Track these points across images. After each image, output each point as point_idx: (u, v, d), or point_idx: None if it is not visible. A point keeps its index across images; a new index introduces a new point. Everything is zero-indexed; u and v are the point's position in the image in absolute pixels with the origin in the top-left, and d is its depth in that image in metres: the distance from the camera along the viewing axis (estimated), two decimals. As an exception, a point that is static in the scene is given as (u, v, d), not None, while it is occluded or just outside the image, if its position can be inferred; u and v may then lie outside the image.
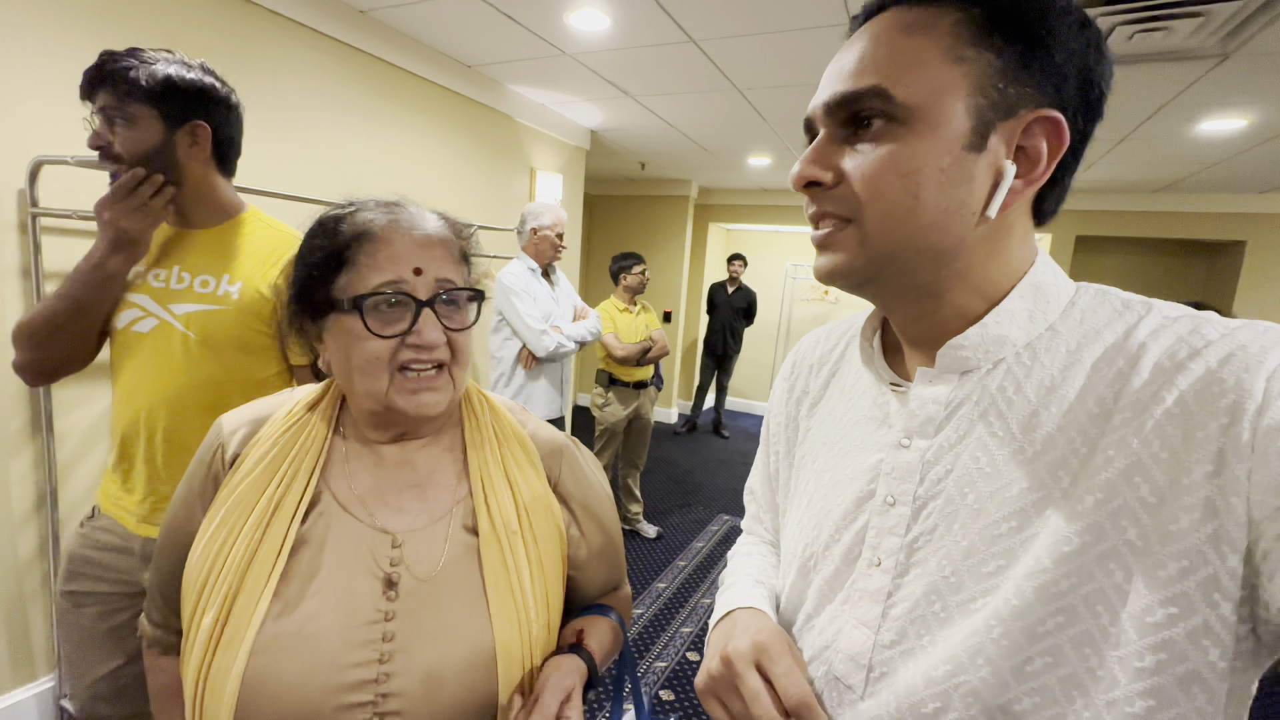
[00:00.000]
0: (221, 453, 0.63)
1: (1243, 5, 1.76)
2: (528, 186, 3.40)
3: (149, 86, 0.94)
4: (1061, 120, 0.41)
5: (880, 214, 0.43)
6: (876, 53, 0.43)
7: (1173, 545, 0.36)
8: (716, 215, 6.02)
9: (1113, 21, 1.90)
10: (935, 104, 0.41)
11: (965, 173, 0.41)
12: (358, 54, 2.31)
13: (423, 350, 0.58)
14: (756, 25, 2.13)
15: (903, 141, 0.42)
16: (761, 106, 3.08)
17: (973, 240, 0.43)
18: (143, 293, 1.04)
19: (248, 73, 1.96)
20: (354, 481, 0.63)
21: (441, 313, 0.60)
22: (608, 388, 3.02)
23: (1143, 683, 0.36)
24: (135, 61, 0.95)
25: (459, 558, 0.61)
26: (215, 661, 0.54)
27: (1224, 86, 2.37)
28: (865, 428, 0.53)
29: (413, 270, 0.58)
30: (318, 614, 0.56)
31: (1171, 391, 0.38)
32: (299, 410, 0.65)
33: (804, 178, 0.46)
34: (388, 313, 0.58)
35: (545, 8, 2.12)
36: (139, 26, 1.69)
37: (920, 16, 0.42)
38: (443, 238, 0.62)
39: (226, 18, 1.88)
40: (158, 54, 0.98)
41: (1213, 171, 3.67)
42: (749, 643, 0.49)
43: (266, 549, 0.57)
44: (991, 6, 0.41)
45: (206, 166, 1.04)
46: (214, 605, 0.55)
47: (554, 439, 0.72)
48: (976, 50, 0.41)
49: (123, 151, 0.96)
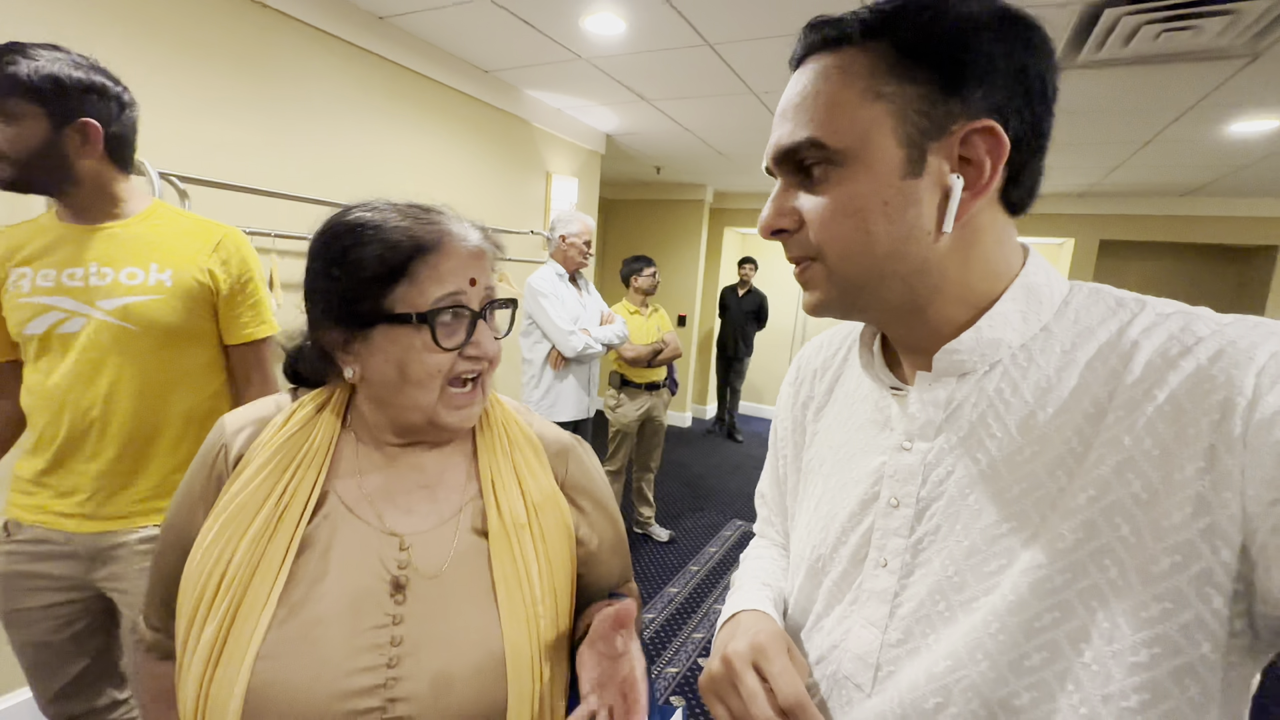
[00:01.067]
0: (225, 453, 0.62)
1: (1273, 3, 1.71)
2: (544, 190, 3.42)
3: (33, 83, 0.92)
4: (996, 127, 0.41)
5: (839, 254, 0.45)
6: (804, 105, 0.45)
7: (1165, 540, 0.37)
8: (732, 219, 6.01)
9: (1139, 20, 1.86)
10: (865, 143, 0.43)
11: (909, 199, 0.43)
12: (377, 59, 2.35)
13: (480, 361, 0.60)
14: (772, 29, 2.13)
15: (844, 184, 0.44)
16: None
17: (939, 255, 0.44)
18: (60, 294, 1.00)
19: (269, 77, 1.99)
20: (363, 482, 0.62)
21: (490, 322, 0.62)
22: (619, 389, 3.03)
23: (1137, 677, 0.37)
24: (19, 58, 0.93)
25: (467, 559, 0.61)
26: (219, 672, 0.53)
27: (1254, 87, 2.30)
28: (868, 431, 0.54)
29: (469, 281, 0.60)
30: (324, 618, 0.55)
31: (1163, 389, 0.39)
32: (307, 411, 0.64)
33: (769, 226, 0.48)
34: (450, 324, 0.59)
35: (561, 12, 2.14)
36: (157, 30, 1.73)
37: (838, 60, 0.44)
38: (484, 249, 0.63)
39: (249, 23, 1.93)
40: (44, 50, 0.96)
41: (1242, 174, 3.58)
42: (747, 644, 0.50)
43: (272, 553, 0.56)
44: (897, 40, 0.42)
45: (101, 163, 1.02)
46: (216, 616, 0.54)
47: (560, 438, 0.73)
48: (895, 83, 0.42)
49: (7, 150, 0.94)
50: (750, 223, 5.99)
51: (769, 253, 6.42)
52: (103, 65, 1.04)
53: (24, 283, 1.00)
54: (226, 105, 1.90)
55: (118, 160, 1.05)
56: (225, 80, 1.89)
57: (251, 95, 1.96)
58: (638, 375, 3.00)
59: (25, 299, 1.00)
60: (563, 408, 2.47)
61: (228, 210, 1.91)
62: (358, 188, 2.18)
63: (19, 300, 1.00)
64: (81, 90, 0.98)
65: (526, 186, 3.29)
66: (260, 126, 2.00)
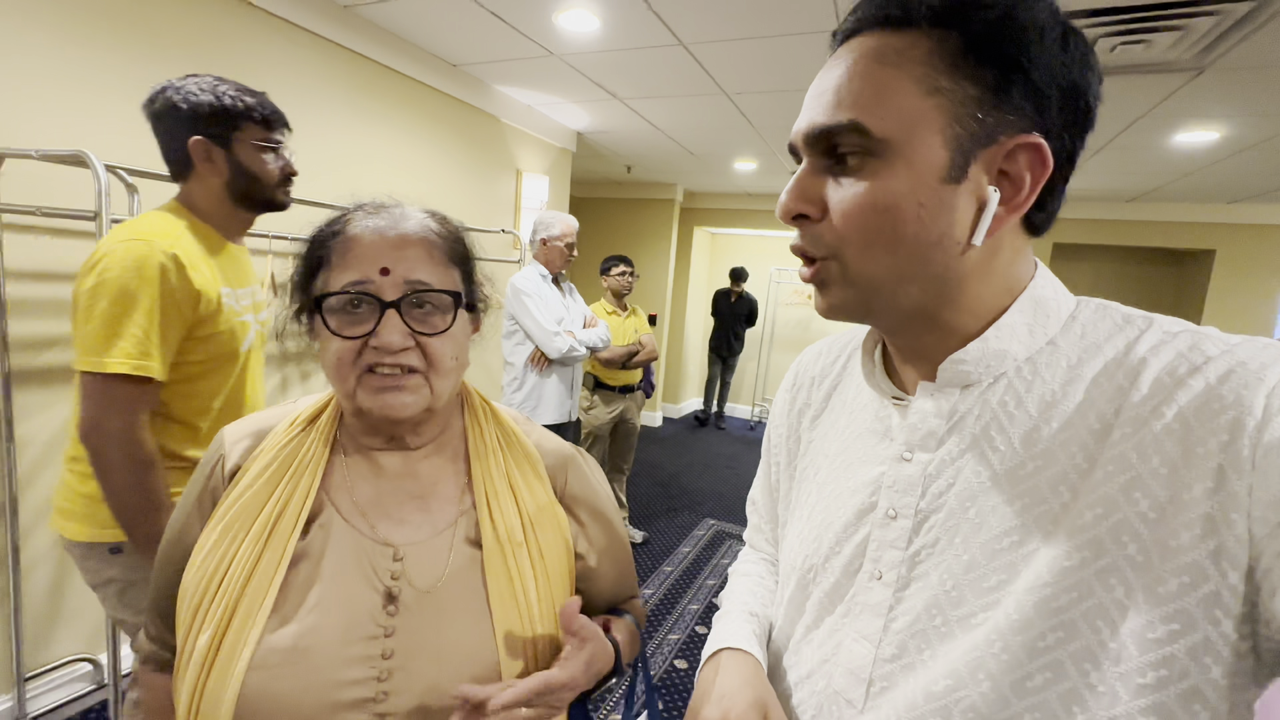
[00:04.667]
0: (222, 465, 0.61)
1: (1220, 20, 1.80)
2: (514, 188, 3.36)
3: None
4: (1044, 145, 0.40)
5: (861, 249, 0.43)
6: (851, 85, 0.42)
7: (1173, 561, 0.36)
8: (702, 219, 6.04)
9: (1096, 33, 1.93)
10: (910, 138, 0.40)
11: (945, 205, 0.41)
12: (340, 50, 2.26)
13: (384, 353, 0.56)
14: (746, 30, 2.13)
15: (880, 177, 0.41)
16: (749, 111, 3.09)
17: (961, 267, 0.43)
18: (250, 311, 1.14)
19: (227, 67, 1.89)
20: (355, 493, 0.61)
21: (413, 316, 0.57)
22: (593, 391, 3.00)
23: (1144, 699, 0.36)
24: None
25: (462, 571, 0.59)
26: (210, 680, 0.52)
27: (1199, 99, 2.43)
28: (867, 441, 0.52)
29: (379, 270, 0.56)
30: (315, 628, 0.54)
31: (1171, 407, 0.38)
32: (301, 422, 0.63)
33: (790, 211, 0.45)
34: (353, 313, 0.57)
35: (534, 8, 2.09)
36: (113, 19, 1.63)
37: (895, 43, 0.41)
38: (422, 238, 0.59)
39: (202, 8, 1.83)
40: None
41: (1185, 182, 3.77)
42: (719, 718, 0.48)
43: (266, 563, 0.55)
44: (967, 34, 0.40)
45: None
46: (211, 623, 0.53)
47: (560, 448, 0.71)
48: (952, 80, 0.40)
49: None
50: (720, 223, 6.03)
51: (743, 254, 6.48)
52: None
53: (233, 302, 1.09)
54: (178, 95, 1.80)
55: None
56: (179, 70, 1.78)
57: (205, 85, 1.86)
58: (612, 378, 2.98)
59: (239, 318, 1.10)
60: (544, 411, 2.44)
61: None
62: (318, 184, 2.11)
63: (235, 320, 1.09)
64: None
65: (496, 184, 3.23)
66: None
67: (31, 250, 1.57)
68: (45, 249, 1.59)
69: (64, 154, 1.40)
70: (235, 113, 1.05)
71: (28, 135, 1.51)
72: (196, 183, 1.09)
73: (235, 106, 1.05)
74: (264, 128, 1.09)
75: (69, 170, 1.56)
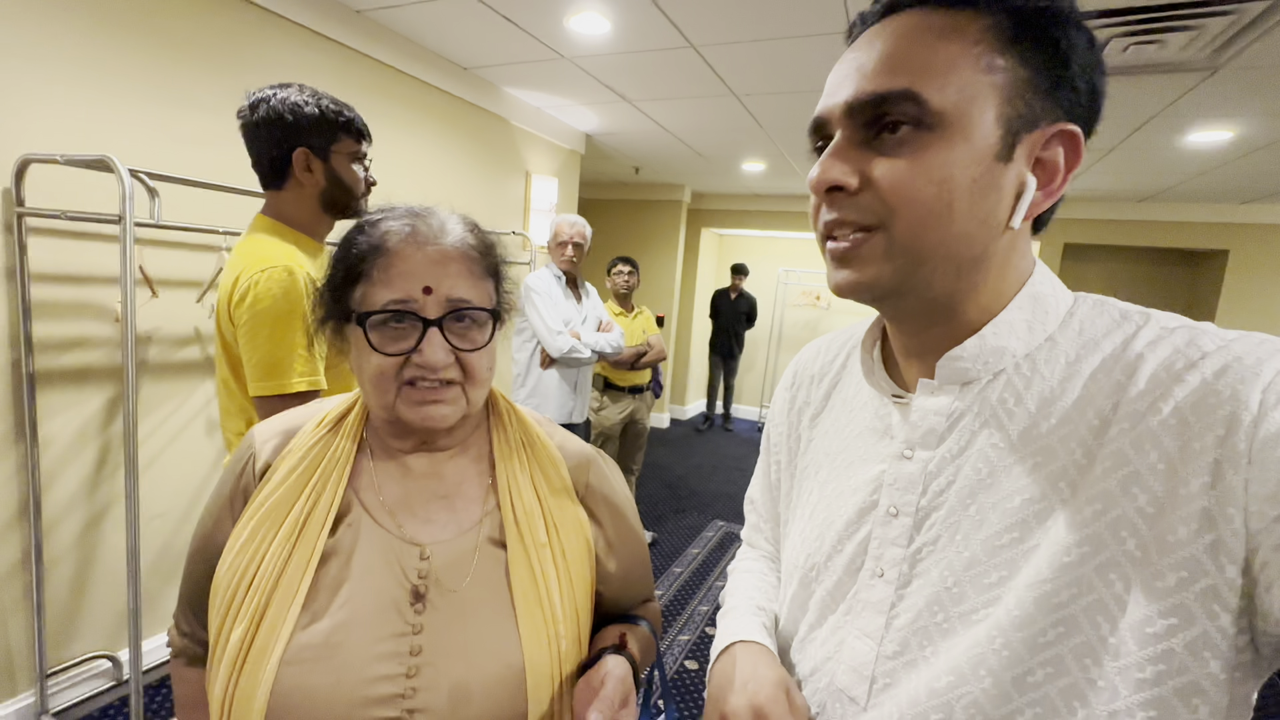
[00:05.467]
0: (253, 463, 0.62)
1: (1234, 19, 1.79)
2: (523, 190, 3.38)
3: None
4: (1079, 134, 0.41)
5: (912, 221, 0.42)
6: (907, 53, 0.41)
7: (1171, 556, 0.36)
8: (709, 220, 6.04)
9: (1109, 34, 1.92)
10: (967, 112, 0.40)
11: (994, 183, 0.41)
12: (353, 54, 2.28)
13: (427, 369, 0.57)
14: (757, 31, 2.14)
15: (934, 149, 0.41)
16: (758, 112, 3.09)
17: (994, 251, 0.43)
18: None
19: (242, 71, 1.92)
20: (382, 492, 0.62)
21: (453, 330, 0.58)
22: (602, 391, 3.01)
23: (1143, 694, 0.36)
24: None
25: (487, 571, 0.60)
26: (243, 675, 0.53)
27: (1212, 99, 2.41)
28: (867, 439, 0.53)
29: (422, 289, 0.57)
30: (345, 625, 0.55)
31: (1168, 403, 0.38)
32: (329, 421, 0.64)
33: (826, 181, 0.43)
34: (395, 329, 0.57)
35: (545, 11, 2.11)
36: (132, 23, 1.66)
37: (949, 20, 0.41)
38: (462, 252, 0.60)
39: (222, 16, 1.85)
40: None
41: (1198, 181, 3.74)
42: (747, 704, 0.48)
43: (297, 560, 0.56)
44: (1020, 15, 0.41)
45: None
46: (244, 619, 0.55)
47: (581, 451, 0.71)
48: (1008, 59, 0.41)
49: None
50: (728, 223, 6.03)
51: (751, 255, 6.47)
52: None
53: None
54: (200, 101, 1.83)
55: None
56: (197, 75, 1.82)
57: (226, 90, 1.88)
58: (620, 378, 2.99)
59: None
60: (545, 409, 2.47)
61: (200, 209, 1.84)
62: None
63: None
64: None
65: (506, 186, 3.24)
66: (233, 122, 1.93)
67: (55, 253, 1.60)
68: (68, 252, 1.62)
69: (89, 159, 1.43)
70: (336, 125, 1.09)
71: (53, 140, 1.53)
72: (291, 191, 1.12)
73: (336, 119, 1.09)
74: (356, 140, 1.13)
75: (89, 174, 1.58)
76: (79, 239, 1.63)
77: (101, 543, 1.78)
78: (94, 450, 1.74)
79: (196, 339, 1.94)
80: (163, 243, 1.81)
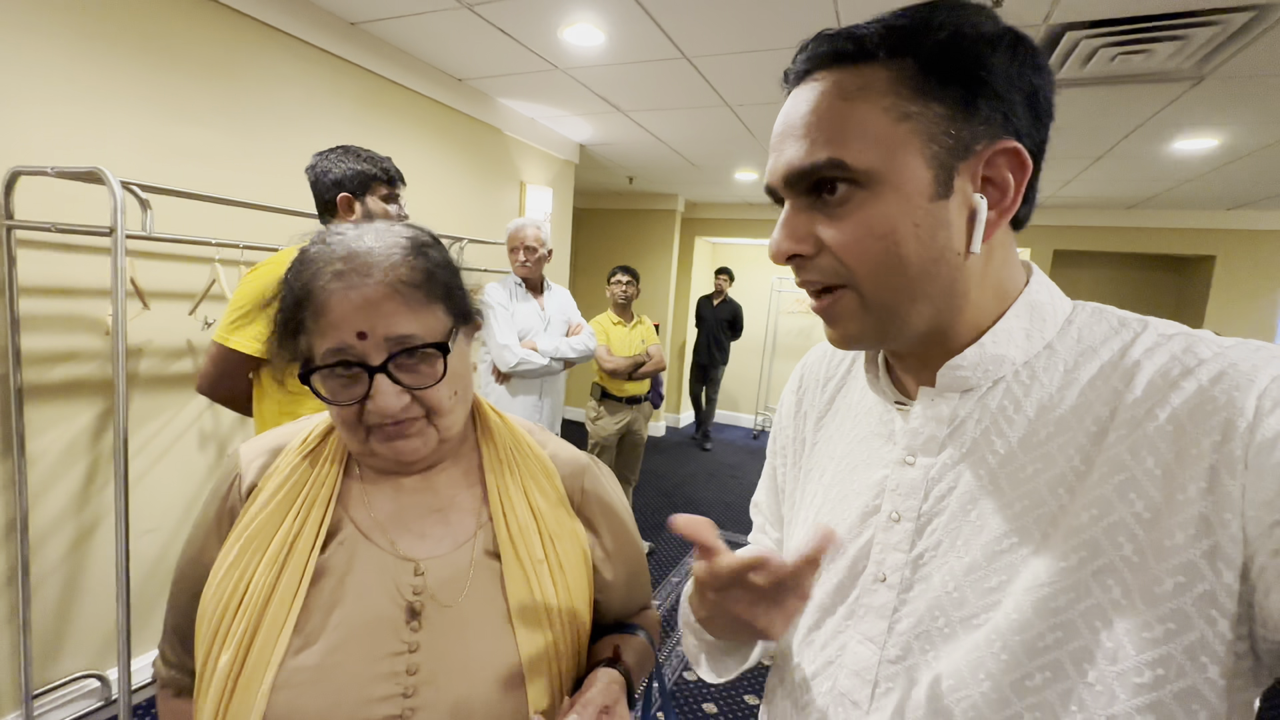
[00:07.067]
0: (238, 483, 0.61)
1: (1220, 30, 1.82)
2: (517, 200, 3.38)
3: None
4: (1020, 148, 0.41)
5: (871, 277, 0.43)
6: (827, 122, 0.43)
7: (1168, 561, 0.37)
8: (703, 229, 6.07)
9: (1097, 44, 1.95)
10: (891, 164, 0.41)
11: (940, 220, 0.42)
12: (347, 65, 2.28)
13: (383, 416, 0.54)
14: (750, 43, 2.16)
15: (870, 205, 0.42)
16: (751, 123, 3.11)
17: (966, 277, 0.44)
18: None
19: (237, 84, 1.92)
20: (373, 508, 0.61)
21: (403, 369, 0.55)
22: (600, 401, 3.00)
23: (1141, 698, 0.36)
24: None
25: (483, 584, 0.59)
26: (233, 701, 0.51)
27: (1198, 107, 2.45)
28: (871, 444, 0.53)
29: (356, 335, 0.53)
30: (339, 646, 0.54)
31: (1165, 409, 0.39)
32: (314, 439, 0.63)
33: (784, 252, 0.46)
34: (343, 377, 0.54)
35: (540, 23, 2.12)
36: (124, 34, 1.65)
37: (858, 79, 0.42)
38: (394, 289, 0.54)
39: (216, 28, 1.85)
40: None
41: (1184, 188, 3.79)
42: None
43: (287, 581, 0.55)
44: (921, 59, 0.41)
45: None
46: (231, 644, 0.53)
47: (575, 459, 0.71)
48: (919, 104, 0.41)
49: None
50: (721, 232, 6.06)
51: (744, 263, 6.50)
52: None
53: None
54: (192, 112, 1.82)
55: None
56: (189, 86, 1.81)
57: (218, 102, 1.88)
58: (618, 388, 2.97)
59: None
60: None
61: (193, 221, 1.83)
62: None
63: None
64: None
65: (500, 196, 3.25)
66: (227, 134, 1.93)
67: (45, 266, 1.58)
68: (58, 265, 1.60)
69: (80, 171, 1.42)
70: (368, 177, 1.40)
71: (43, 152, 1.52)
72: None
73: (367, 172, 1.39)
74: (388, 185, 1.43)
75: (80, 186, 1.57)
76: (69, 251, 1.62)
77: (90, 559, 1.75)
78: (83, 465, 1.71)
79: (189, 352, 1.92)
80: (155, 254, 1.79)
